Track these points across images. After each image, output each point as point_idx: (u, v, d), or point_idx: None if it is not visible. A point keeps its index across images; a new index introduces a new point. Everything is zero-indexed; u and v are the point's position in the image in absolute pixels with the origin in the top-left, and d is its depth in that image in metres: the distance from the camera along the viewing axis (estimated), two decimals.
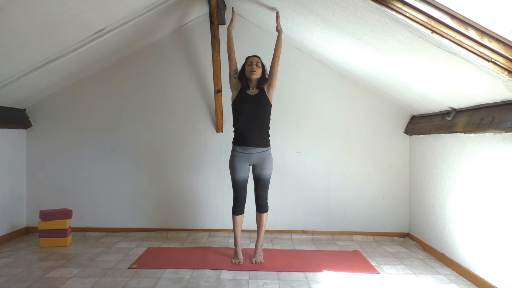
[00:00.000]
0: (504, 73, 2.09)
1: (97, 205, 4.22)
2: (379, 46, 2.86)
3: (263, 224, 3.29)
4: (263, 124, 3.17)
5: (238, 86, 3.24)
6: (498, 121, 2.44)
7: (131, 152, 4.22)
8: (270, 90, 3.22)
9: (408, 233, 4.12)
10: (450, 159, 3.21)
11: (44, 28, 2.80)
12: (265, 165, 3.18)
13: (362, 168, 4.16)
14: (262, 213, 3.27)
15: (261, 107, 3.16)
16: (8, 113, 3.90)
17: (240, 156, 3.17)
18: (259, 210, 3.28)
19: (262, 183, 3.22)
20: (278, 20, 3.32)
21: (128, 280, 2.81)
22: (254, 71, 3.14)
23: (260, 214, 3.28)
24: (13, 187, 4.04)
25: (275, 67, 3.23)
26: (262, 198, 3.25)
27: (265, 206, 3.27)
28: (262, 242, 3.31)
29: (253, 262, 3.21)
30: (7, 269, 3.03)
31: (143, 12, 3.32)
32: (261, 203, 3.26)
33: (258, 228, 3.30)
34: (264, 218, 3.28)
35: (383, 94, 4.06)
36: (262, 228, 3.29)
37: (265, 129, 3.19)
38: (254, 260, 3.22)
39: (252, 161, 3.18)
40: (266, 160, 3.19)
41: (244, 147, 3.15)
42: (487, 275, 2.68)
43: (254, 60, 3.19)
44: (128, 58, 4.23)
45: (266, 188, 3.25)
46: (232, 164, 3.19)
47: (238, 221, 3.28)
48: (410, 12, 2.07)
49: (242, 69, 3.25)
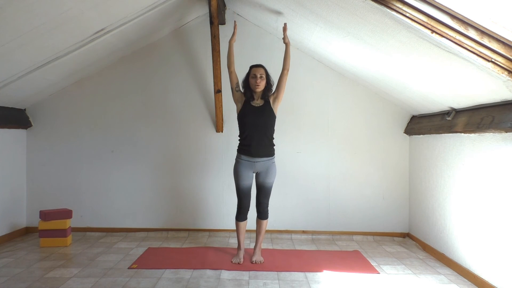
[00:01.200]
0: (504, 73, 2.09)
1: (97, 205, 4.22)
2: (379, 46, 2.86)
3: (263, 231, 3.29)
4: (268, 136, 3.18)
5: (242, 99, 3.23)
6: (498, 121, 2.44)
7: (131, 152, 4.22)
8: (276, 103, 3.21)
9: (408, 233, 4.12)
10: (450, 159, 3.21)
11: (44, 28, 2.80)
12: (268, 173, 3.19)
13: (362, 168, 4.16)
14: (263, 220, 3.27)
15: (266, 119, 3.15)
16: (8, 113, 3.90)
17: (245, 164, 3.18)
18: (260, 216, 3.28)
19: (264, 191, 3.22)
20: (285, 32, 3.26)
21: (128, 280, 2.81)
22: (258, 85, 3.13)
23: (261, 221, 3.28)
24: (13, 187, 4.04)
25: (283, 81, 3.20)
26: (263, 206, 3.25)
27: (266, 213, 3.28)
28: (260, 247, 3.33)
29: (253, 261, 3.22)
30: (7, 269, 3.03)
31: (143, 12, 3.32)
32: (262, 210, 3.26)
33: (257, 234, 3.30)
34: (264, 225, 3.29)
35: (383, 94, 4.06)
36: (261, 235, 3.30)
37: (269, 140, 3.20)
38: (254, 259, 3.23)
39: (257, 169, 3.20)
40: (270, 169, 3.20)
41: (248, 157, 3.17)
42: (487, 275, 2.68)
43: (258, 73, 3.14)
44: (128, 58, 4.23)
45: (268, 196, 3.26)
46: (236, 171, 3.21)
47: (242, 227, 3.28)
48: (410, 12, 2.07)
49: (246, 79, 3.22)
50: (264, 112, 3.16)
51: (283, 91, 3.22)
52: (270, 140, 3.21)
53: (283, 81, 3.20)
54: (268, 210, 3.30)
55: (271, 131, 3.21)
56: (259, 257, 3.26)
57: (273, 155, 3.23)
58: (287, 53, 3.24)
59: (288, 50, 3.25)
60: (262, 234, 3.30)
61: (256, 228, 3.32)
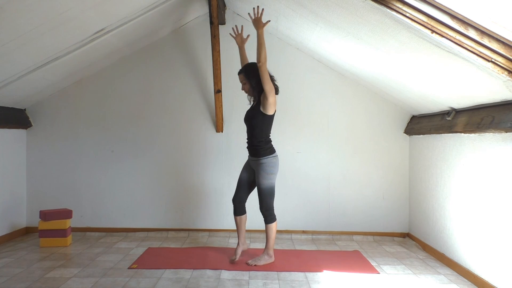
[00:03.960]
0: (504, 73, 2.09)
1: (97, 205, 4.22)
2: (379, 46, 2.86)
3: (268, 235, 3.19)
4: (254, 136, 3.14)
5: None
6: (498, 121, 2.44)
7: (131, 152, 4.22)
8: (264, 101, 3.01)
9: (408, 233, 4.12)
10: (450, 159, 3.21)
11: (44, 28, 2.80)
12: (257, 173, 3.14)
13: (362, 168, 4.16)
14: (266, 224, 3.19)
15: (250, 121, 3.15)
16: (8, 113, 3.90)
17: (248, 159, 3.31)
18: (264, 220, 3.21)
19: (258, 192, 3.17)
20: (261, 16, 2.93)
21: (128, 280, 2.81)
22: (243, 90, 3.22)
23: (265, 225, 3.21)
24: (13, 187, 4.04)
25: (260, 76, 2.92)
26: (262, 209, 3.17)
27: (267, 217, 3.17)
28: (268, 251, 3.21)
29: (247, 262, 3.19)
30: (7, 269, 3.03)
31: (143, 12, 3.32)
32: (262, 213, 3.19)
33: (266, 238, 3.24)
34: (268, 230, 3.17)
35: (383, 94, 4.06)
36: (268, 239, 3.20)
37: (257, 140, 3.12)
38: (250, 261, 3.19)
39: (252, 166, 3.24)
40: (259, 169, 3.12)
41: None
42: (487, 275, 2.68)
43: (240, 80, 3.19)
44: (128, 58, 4.23)
45: (264, 199, 3.13)
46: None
47: (237, 221, 3.29)
48: (410, 12, 2.07)
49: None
50: (250, 114, 3.18)
51: (266, 85, 2.92)
52: (258, 141, 3.12)
53: (261, 76, 2.91)
54: (270, 215, 3.16)
55: (257, 131, 3.12)
56: (256, 260, 3.18)
57: (260, 156, 3.12)
58: (259, 42, 2.90)
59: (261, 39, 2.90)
60: (268, 239, 3.20)
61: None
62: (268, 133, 3.18)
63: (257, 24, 2.95)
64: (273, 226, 3.17)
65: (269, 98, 2.98)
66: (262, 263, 3.17)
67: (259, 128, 3.11)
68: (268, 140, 3.18)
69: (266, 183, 3.11)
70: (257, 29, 2.94)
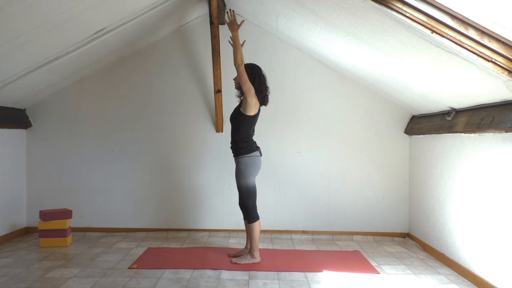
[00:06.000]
0: (504, 73, 2.09)
1: (97, 205, 4.22)
2: (379, 46, 2.86)
3: (250, 235, 3.18)
4: (233, 135, 3.19)
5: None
6: (498, 121, 2.44)
7: (131, 152, 4.22)
8: (243, 101, 3.11)
9: (408, 233, 4.12)
10: (450, 159, 3.21)
11: (44, 28, 2.80)
12: (235, 172, 3.19)
13: (362, 168, 4.15)
14: (248, 223, 3.18)
15: (234, 119, 3.20)
16: (8, 113, 3.90)
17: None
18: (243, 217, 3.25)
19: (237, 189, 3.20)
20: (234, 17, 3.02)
21: (128, 280, 2.81)
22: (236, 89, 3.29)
23: (246, 223, 3.22)
24: (13, 187, 4.04)
25: (238, 77, 3.03)
26: (241, 206, 3.20)
27: (247, 215, 3.16)
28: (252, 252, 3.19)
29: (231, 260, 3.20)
30: (7, 269, 3.03)
31: (143, 12, 3.32)
32: (242, 211, 3.22)
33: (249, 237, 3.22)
34: (249, 228, 3.16)
35: (383, 94, 4.06)
36: (250, 240, 3.18)
37: (234, 139, 3.18)
38: (233, 259, 3.19)
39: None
40: (236, 168, 3.18)
41: None
42: (487, 275, 2.68)
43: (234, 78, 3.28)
44: (128, 58, 4.23)
45: (243, 196, 3.14)
46: None
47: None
48: (410, 12, 2.07)
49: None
50: (233, 113, 3.25)
51: (244, 88, 3.00)
52: (235, 140, 3.16)
53: (239, 77, 3.01)
54: (251, 214, 3.14)
55: (235, 130, 3.17)
56: (238, 259, 3.18)
57: (236, 155, 3.17)
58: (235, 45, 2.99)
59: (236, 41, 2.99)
60: (250, 239, 3.18)
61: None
62: (246, 134, 3.16)
63: (232, 26, 3.03)
64: (255, 226, 3.15)
65: (247, 98, 3.04)
66: (244, 262, 3.15)
67: (238, 127, 3.16)
68: (246, 139, 3.15)
69: (242, 183, 3.13)
70: (232, 31, 3.02)
